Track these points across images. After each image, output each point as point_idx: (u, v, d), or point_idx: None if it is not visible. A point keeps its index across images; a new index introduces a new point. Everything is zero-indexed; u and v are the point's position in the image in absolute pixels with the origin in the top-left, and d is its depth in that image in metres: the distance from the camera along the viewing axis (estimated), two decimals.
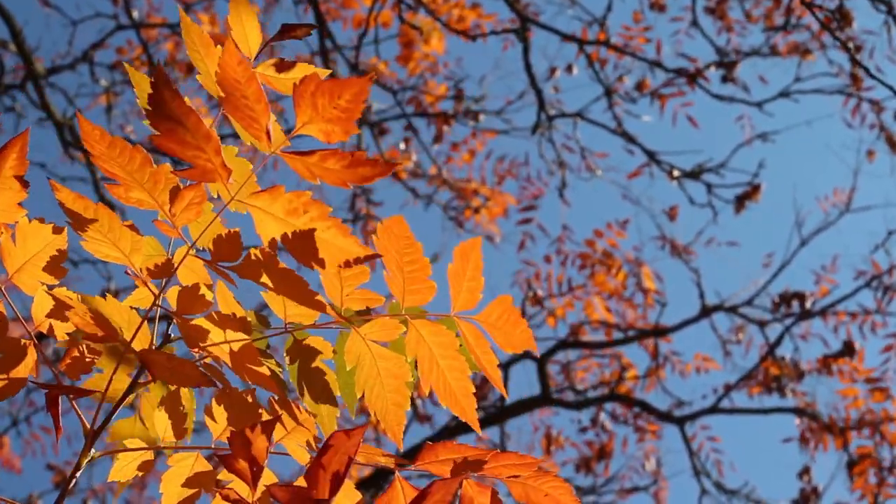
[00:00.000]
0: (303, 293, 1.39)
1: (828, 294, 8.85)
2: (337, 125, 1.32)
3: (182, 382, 1.36)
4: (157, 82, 1.30)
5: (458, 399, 1.44)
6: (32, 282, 1.44)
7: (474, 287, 1.42)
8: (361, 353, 1.44)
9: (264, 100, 1.32)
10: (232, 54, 1.31)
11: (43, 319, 1.46)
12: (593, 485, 8.72)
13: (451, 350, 1.43)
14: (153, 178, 1.37)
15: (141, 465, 1.50)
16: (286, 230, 1.35)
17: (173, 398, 1.48)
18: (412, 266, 1.41)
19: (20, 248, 1.42)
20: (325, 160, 1.32)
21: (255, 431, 1.22)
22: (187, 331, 1.40)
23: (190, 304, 1.41)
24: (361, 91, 1.31)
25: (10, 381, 1.43)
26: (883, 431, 7.98)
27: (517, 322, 1.43)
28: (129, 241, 1.41)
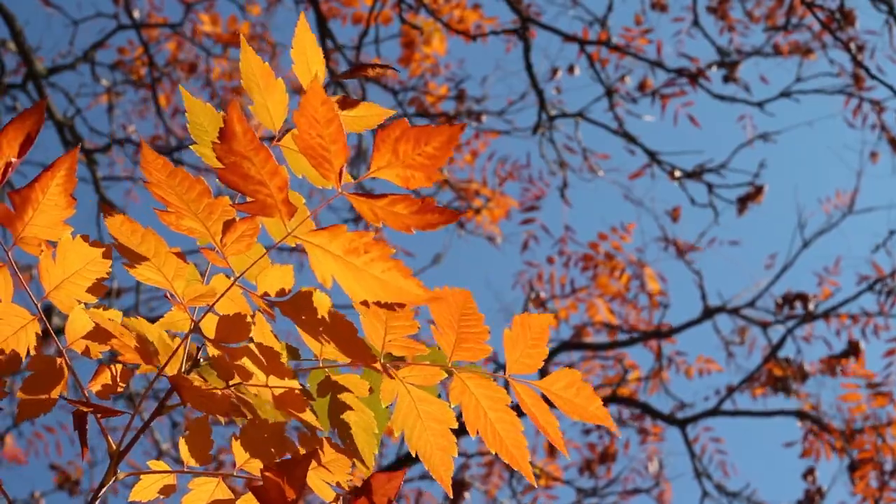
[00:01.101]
0: (352, 343, 1.38)
1: (830, 296, 8.85)
2: (419, 171, 1.30)
3: (211, 410, 1.36)
4: (230, 118, 1.28)
5: (509, 449, 1.43)
6: (69, 300, 1.43)
7: (535, 354, 1.42)
8: (400, 393, 1.43)
9: (342, 141, 1.30)
10: (317, 94, 1.29)
11: (77, 338, 1.44)
12: (595, 487, 8.72)
13: (500, 404, 1.42)
14: (209, 208, 1.35)
15: (162, 489, 1.49)
16: (344, 269, 1.33)
17: (200, 424, 1.47)
18: (468, 330, 1.40)
19: (59, 267, 1.41)
20: (393, 205, 1.30)
21: (290, 467, 1.21)
22: (221, 362, 1.39)
23: (230, 332, 1.40)
24: (452, 139, 1.29)
25: (43, 400, 1.42)
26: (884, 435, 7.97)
27: (590, 397, 1.42)
28: (173, 267, 1.40)
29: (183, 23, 8.66)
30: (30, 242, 1.39)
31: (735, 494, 8.49)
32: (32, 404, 1.42)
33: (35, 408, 1.42)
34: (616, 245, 8.72)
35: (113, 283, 7.86)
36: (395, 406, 1.42)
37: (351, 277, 1.32)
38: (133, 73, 8.82)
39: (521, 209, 8.95)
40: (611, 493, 8.71)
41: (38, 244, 1.39)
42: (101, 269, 1.43)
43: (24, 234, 1.38)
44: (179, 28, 8.68)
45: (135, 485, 1.49)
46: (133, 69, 8.82)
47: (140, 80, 8.84)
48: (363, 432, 1.47)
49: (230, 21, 8.92)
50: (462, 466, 8.54)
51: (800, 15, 8.55)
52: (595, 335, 8.82)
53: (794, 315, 8.70)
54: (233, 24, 8.91)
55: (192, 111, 1.48)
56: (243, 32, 8.78)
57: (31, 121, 1.33)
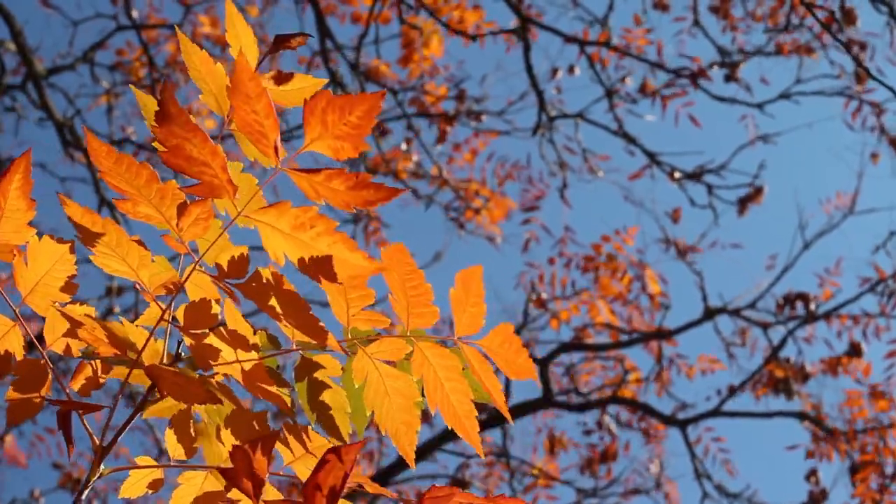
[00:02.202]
0: (306, 319, 1.39)
1: (831, 297, 8.83)
2: (346, 142, 1.32)
3: (190, 400, 1.36)
4: (163, 99, 1.30)
5: (461, 420, 1.45)
6: (45, 302, 1.44)
7: (476, 313, 1.43)
8: (369, 371, 1.44)
9: (274, 115, 1.32)
10: (244, 69, 1.30)
11: (56, 338, 1.45)
12: (596, 487, 8.71)
13: (454, 373, 1.44)
14: (160, 193, 1.37)
15: (151, 483, 1.49)
16: (293, 245, 1.35)
17: (183, 416, 1.47)
18: (415, 291, 1.41)
19: (31, 269, 1.42)
20: (330, 179, 1.32)
21: (256, 446, 1.21)
22: (198, 349, 1.39)
23: (196, 319, 1.41)
24: (373, 107, 1.31)
25: (29, 402, 1.43)
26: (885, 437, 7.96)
27: (519, 350, 1.44)
28: (136, 256, 1.42)
29: (182, 24, 8.66)
30: (2, 251, 1.40)
31: (735, 496, 8.48)
32: (21, 407, 1.43)
33: (24, 410, 1.43)
34: (618, 247, 8.71)
35: (113, 282, 7.86)
36: (366, 384, 1.44)
37: (300, 253, 1.35)
38: (132, 73, 8.82)
39: (522, 210, 8.95)
40: (612, 494, 8.70)
41: (10, 250, 1.40)
42: (70, 265, 1.44)
43: None
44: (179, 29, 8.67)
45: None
46: (132, 70, 8.82)
47: (139, 80, 8.84)
48: (336, 412, 1.49)
49: None
50: (462, 466, 8.55)
51: (801, 15, 8.54)
52: (596, 336, 8.82)
53: (795, 316, 8.69)
54: None
55: (145, 107, 1.48)
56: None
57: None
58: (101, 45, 8.30)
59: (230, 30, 1.44)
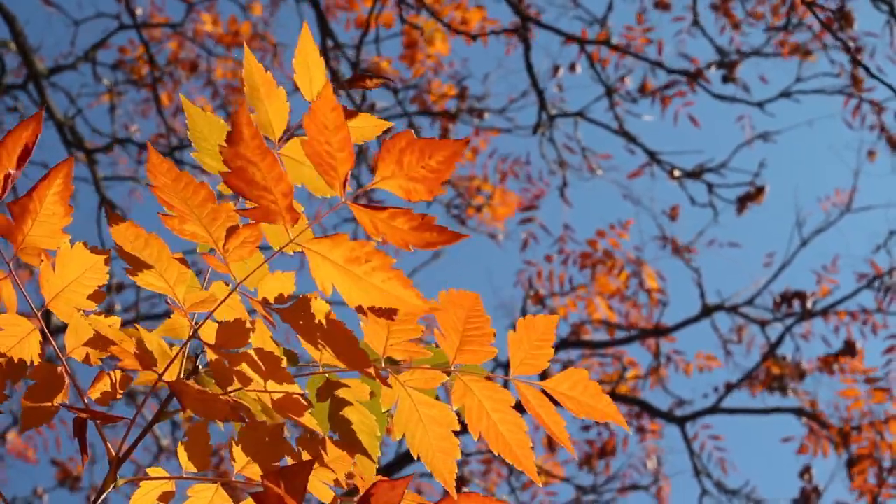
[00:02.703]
0: (352, 351, 1.38)
1: (829, 294, 8.86)
2: (422, 184, 1.30)
3: (211, 416, 1.35)
4: (237, 121, 1.29)
5: (513, 450, 1.44)
6: (68, 308, 1.44)
7: (540, 356, 1.42)
8: (400, 397, 1.43)
9: (349, 149, 1.31)
10: (327, 100, 1.29)
11: (77, 346, 1.46)
12: (594, 483, 8.74)
13: (503, 405, 1.42)
14: (213, 213, 1.36)
15: (161, 496, 1.49)
16: (345, 278, 1.33)
17: (199, 429, 1.48)
18: (476, 333, 1.41)
19: (59, 275, 1.42)
20: (394, 218, 1.30)
21: (290, 474, 1.21)
22: (220, 368, 1.40)
23: (229, 338, 1.41)
24: (456, 153, 1.29)
25: (44, 409, 1.43)
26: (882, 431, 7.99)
27: (598, 395, 1.43)
28: (175, 273, 1.41)
29: (184, 22, 8.69)
30: (30, 253, 1.40)
31: (734, 492, 8.51)
32: (35, 412, 1.43)
33: (38, 416, 1.43)
34: (614, 242, 8.74)
35: (113, 280, 7.88)
36: (397, 409, 1.42)
37: (351, 286, 1.33)
38: (134, 72, 8.84)
39: (521, 208, 8.97)
40: (609, 490, 8.74)
41: (38, 254, 1.40)
42: (101, 275, 1.44)
43: (25, 245, 1.39)
44: (181, 28, 8.71)
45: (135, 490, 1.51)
46: (134, 69, 8.84)
47: (141, 79, 8.86)
48: (365, 435, 1.48)
49: (231, 21, 8.94)
50: (461, 463, 8.57)
51: (800, 14, 8.56)
52: (594, 333, 8.85)
53: (793, 313, 8.72)
54: (233, 23, 8.93)
55: (192, 118, 1.50)
56: (245, 34, 8.80)
57: (28, 131, 1.35)
58: (102, 44, 8.32)
59: (300, 56, 1.43)
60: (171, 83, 8.89)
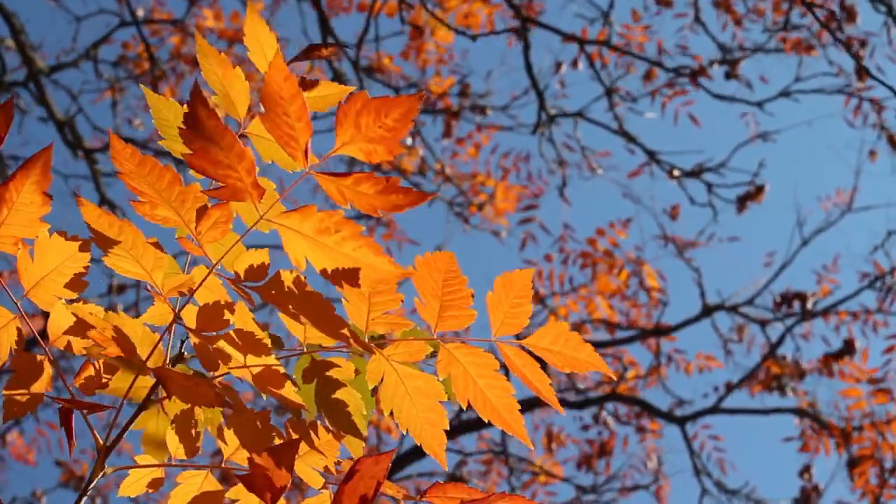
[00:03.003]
0: (329, 321, 1.37)
1: (829, 294, 8.86)
2: (381, 144, 1.30)
3: (197, 401, 1.35)
4: (194, 102, 1.28)
5: (501, 414, 1.42)
6: (49, 297, 1.43)
7: (519, 313, 1.40)
8: (385, 372, 1.42)
9: (307, 118, 1.30)
10: (279, 70, 1.28)
11: (59, 335, 1.44)
12: (594, 483, 8.74)
13: (489, 370, 1.41)
14: (181, 196, 1.36)
15: (151, 483, 1.49)
16: (316, 249, 1.33)
17: (186, 416, 1.47)
18: (454, 296, 1.39)
19: (37, 264, 1.41)
20: (358, 183, 1.30)
21: (277, 453, 1.21)
22: (204, 352, 1.39)
23: (209, 321, 1.40)
24: (410, 109, 1.28)
25: (27, 398, 1.42)
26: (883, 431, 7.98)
27: (579, 346, 1.41)
28: (151, 258, 1.41)
29: (186, 18, 8.69)
30: (6, 241, 1.39)
31: (734, 492, 8.50)
32: (17, 403, 1.42)
33: (20, 406, 1.42)
34: (613, 241, 8.74)
35: (113, 280, 7.89)
36: (382, 385, 1.41)
37: (323, 256, 1.33)
38: (136, 68, 8.85)
39: (521, 208, 8.97)
40: (609, 489, 8.73)
41: (15, 242, 1.39)
42: (80, 264, 1.43)
43: (0, 233, 1.38)
44: (182, 23, 8.72)
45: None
46: (137, 64, 8.84)
47: (143, 75, 8.86)
48: (353, 413, 1.47)
49: (233, 16, 8.95)
50: (460, 463, 8.58)
51: (801, 12, 8.55)
52: (594, 332, 8.84)
53: (793, 313, 8.71)
54: (235, 19, 8.93)
55: (156, 108, 1.49)
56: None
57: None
58: (104, 40, 8.33)
59: (250, 33, 1.42)
60: (173, 78, 8.89)
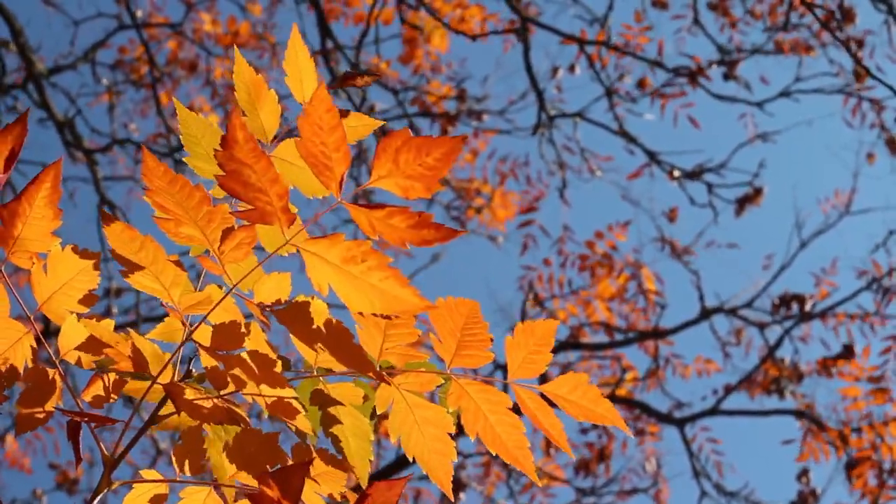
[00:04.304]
0: (349, 351, 1.37)
1: (827, 296, 8.86)
2: (419, 182, 1.30)
3: (205, 418, 1.36)
4: (231, 125, 1.29)
5: (510, 451, 1.44)
6: (61, 311, 1.44)
7: (538, 360, 1.42)
8: (395, 400, 1.43)
9: (344, 149, 1.30)
10: (322, 101, 1.28)
11: (70, 348, 1.45)
12: (593, 486, 8.74)
13: (500, 407, 1.42)
14: (209, 216, 1.36)
15: (153, 498, 1.49)
16: (341, 277, 1.32)
17: (193, 432, 1.46)
18: (473, 338, 1.40)
19: (51, 278, 1.42)
20: (391, 217, 1.30)
21: (285, 476, 1.21)
22: (215, 373, 1.39)
23: (224, 340, 1.40)
24: (453, 150, 1.29)
25: (38, 413, 1.43)
26: (882, 433, 7.98)
27: (597, 399, 1.43)
28: (171, 275, 1.41)
29: (184, 22, 8.69)
30: (21, 256, 1.39)
31: (733, 494, 8.50)
32: (30, 417, 1.43)
33: (33, 421, 1.43)
34: (611, 244, 8.74)
35: (112, 283, 7.88)
36: (391, 412, 1.42)
37: (348, 286, 1.32)
38: (134, 72, 8.84)
39: (520, 211, 8.97)
40: (608, 493, 8.73)
41: (30, 257, 1.39)
42: (92, 278, 1.43)
43: (16, 249, 1.39)
44: (180, 28, 8.71)
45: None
46: (134, 68, 8.84)
47: (141, 79, 8.86)
48: (357, 439, 1.47)
49: (230, 21, 8.95)
50: (458, 466, 8.57)
51: (800, 13, 8.55)
52: (592, 335, 8.84)
53: (791, 315, 8.72)
54: (233, 23, 8.93)
55: (185, 123, 1.49)
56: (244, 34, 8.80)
57: (13, 135, 1.34)
58: (102, 44, 8.33)
59: (290, 58, 1.42)
60: (170, 83, 8.89)
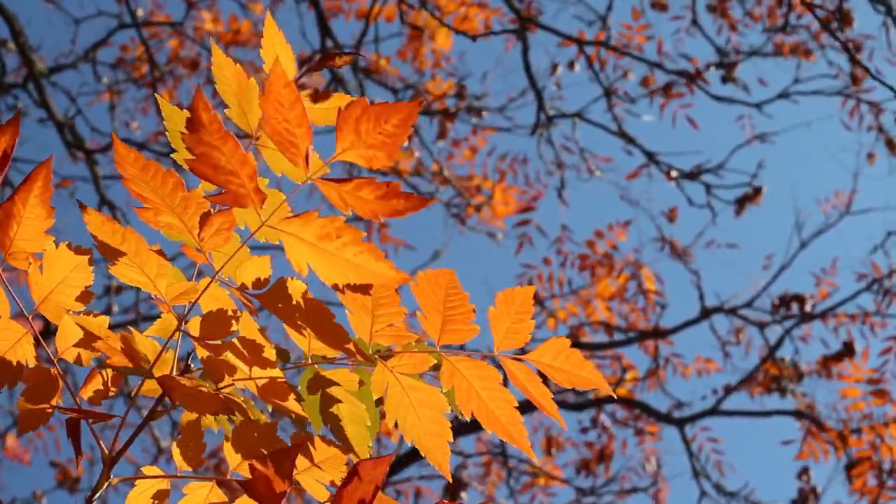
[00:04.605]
0: (332, 332, 1.38)
1: (827, 296, 8.87)
2: (381, 150, 1.30)
3: (202, 411, 1.35)
4: (195, 106, 1.29)
5: (504, 426, 1.43)
6: (58, 310, 1.44)
7: (522, 329, 1.41)
8: (390, 383, 1.42)
9: (307, 124, 1.30)
10: (279, 76, 1.29)
11: (68, 346, 1.45)
12: (593, 486, 8.74)
13: (492, 382, 1.42)
14: (184, 202, 1.36)
15: (156, 494, 1.49)
16: (318, 256, 1.33)
17: (192, 427, 1.47)
18: (456, 311, 1.40)
19: (46, 277, 1.42)
20: (360, 189, 1.30)
21: (278, 458, 1.22)
22: (210, 363, 1.39)
23: (212, 330, 1.40)
24: (410, 115, 1.29)
25: (39, 411, 1.43)
26: (882, 434, 7.98)
27: (581, 363, 1.42)
28: (155, 266, 1.41)
29: (185, 21, 8.69)
30: (18, 257, 1.39)
31: (733, 494, 8.51)
32: (32, 415, 1.43)
33: (35, 419, 1.44)
34: (611, 243, 8.74)
35: (112, 281, 7.88)
36: (387, 395, 1.42)
37: (325, 263, 1.33)
38: (135, 70, 8.85)
39: (518, 210, 8.97)
40: (608, 492, 8.73)
41: (26, 257, 1.39)
42: (87, 274, 1.43)
43: (13, 250, 1.39)
44: (181, 26, 8.72)
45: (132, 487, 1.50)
46: (135, 67, 8.85)
47: (142, 77, 8.87)
48: (355, 425, 1.47)
49: (231, 19, 8.95)
50: (459, 466, 8.57)
51: (798, 14, 8.56)
52: (592, 335, 8.85)
53: (792, 315, 8.72)
54: (234, 21, 8.93)
55: (169, 118, 1.48)
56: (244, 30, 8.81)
57: (6, 136, 1.34)
58: (103, 43, 8.33)
59: (266, 40, 1.42)
60: (171, 81, 8.90)
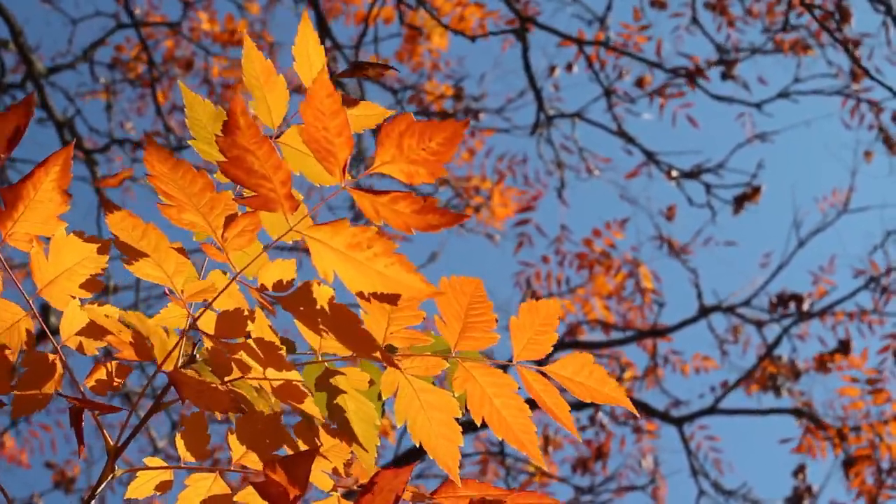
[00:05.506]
0: (355, 334, 1.37)
1: (825, 294, 8.87)
2: (423, 167, 1.29)
3: (210, 406, 1.35)
4: (233, 109, 1.28)
5: (516, 434, 1.43)
6: (63, 296, 1.42)
7: (543, 341, 1.41)
8: (400, 384, 1.42)
9: (347, 133, 1.29)
10: (323, 85, 1.28)
11: (72, 334, 1.44)
12: (591, 484, 8.74)
13: (506, 390, 1.42)
14: (211, 202, 1.35)
15: (159, 485, 1.49)
16: (347, 264, 1.32)
17: (197, 419, 1.47)
18: (478, 319, 1.40)
19: (52, 262, 1.41)
20: (395, 202, 1.29)
21: (292, 463, 1.21)
22: (218, 358, 1.39)
23: (228, 328, 1.39)
24: (456, 134, 1.28)
25: (37, 396, 1.42)
26: (880, 432, 7.99)
27: (604, 379, 1.42)
28: (174, 263, 1.40)
29: (181, 21, 8.69)
30: (20, 238, 1.38)
31: (731, 492, 8.51)
32: (27, 401, 1.42)
33: (30, 405, 1.42)
34: (609, 242, 8.74)
35: (110, 281, 7.87)
36: (397, 397, 1.41)
37: (353, 272, 1.32)
38: (131, 70, 8.84)
39: (518, 210, 8.97)
40: (606, 491, 8.73)
41: (29, 240, 1.38)
42: (97, 265, 1.42)
43: (14, 231, 1.37)
44: (178, 26, 8.72)
45: (131, 482, 1.50)
46: (131, 66, 8.84)
47: (138, 77, 8.86)
48: (363, 423, 1.47)
49: (228, 19, 8.95)
50: None
51: (798, 12, 8.56)
52: (590, 333, 8.85)
53: (789, 314, 8.72)
54: (230, 22, 8.93)
55: (191, 107, 1.48)
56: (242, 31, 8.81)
57: (18, 114, 1.33)
58: (101, 43, 8.33)
59: (300, 44, 1.41)
60: (167, 81, 8.89)
